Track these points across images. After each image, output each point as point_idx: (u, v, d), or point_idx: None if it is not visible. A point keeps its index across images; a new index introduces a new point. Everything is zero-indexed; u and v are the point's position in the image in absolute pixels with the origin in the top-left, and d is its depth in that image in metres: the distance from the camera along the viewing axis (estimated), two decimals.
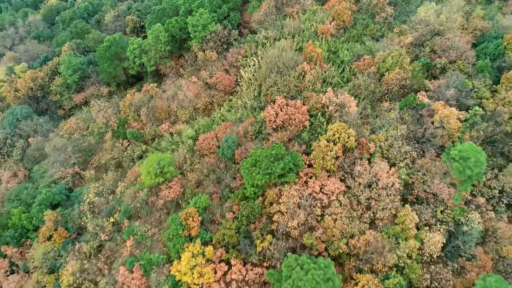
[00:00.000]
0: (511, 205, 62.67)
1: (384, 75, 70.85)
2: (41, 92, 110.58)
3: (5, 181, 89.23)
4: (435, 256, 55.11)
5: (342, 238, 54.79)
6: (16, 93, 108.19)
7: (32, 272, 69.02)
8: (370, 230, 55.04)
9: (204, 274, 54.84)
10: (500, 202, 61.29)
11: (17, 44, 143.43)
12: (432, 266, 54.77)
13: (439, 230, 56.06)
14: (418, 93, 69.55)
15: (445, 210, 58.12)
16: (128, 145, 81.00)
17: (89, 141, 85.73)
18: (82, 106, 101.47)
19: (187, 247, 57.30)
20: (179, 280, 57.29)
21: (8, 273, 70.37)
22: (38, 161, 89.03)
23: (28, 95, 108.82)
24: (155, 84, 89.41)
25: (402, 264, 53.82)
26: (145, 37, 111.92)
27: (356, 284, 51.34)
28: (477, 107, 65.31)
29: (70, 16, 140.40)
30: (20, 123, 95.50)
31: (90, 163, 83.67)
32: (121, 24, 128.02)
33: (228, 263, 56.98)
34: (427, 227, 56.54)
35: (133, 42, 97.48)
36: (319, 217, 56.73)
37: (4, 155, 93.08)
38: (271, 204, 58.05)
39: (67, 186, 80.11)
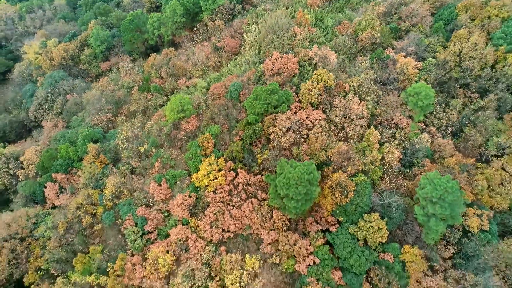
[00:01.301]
0: (455, 133, 78.43)
1: (359, 35, 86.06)
2: (72, 61, 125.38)
3: (48, 130, 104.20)
4: (393, 165, 70.57)
5: (322, 150, 70.20)
6: (52, 61, 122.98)
7: (78, 193, 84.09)
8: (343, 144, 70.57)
9: (218, 177, 70.34)
10: (447, 130, 76.95)
11: (45, 24, 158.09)
12: (390, 170, 70.23)
13: (397, 146, 71.55)
14: (386, 49, 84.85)
15: (402, 132, 73.55)
16: (152, 96, 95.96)
17: (119, 95, 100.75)
18: (111, 70, 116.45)
19: (204, 160, 72.68)
20: (198, 186, 72.87)
21: (58, 193, 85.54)
22: (75, 114, 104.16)
23: (61, 64, 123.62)
24: (173, 48, 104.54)
25: (367, 169, 69.29)
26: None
27: (331, 180, 66.74)
28: (431, 58, 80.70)
29: None
30: (58, 84, 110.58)
31: (120, 112, 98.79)
32: (138, 6, 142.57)
33: (235, 172, 72.47)
34: (388, 144, 71.99)
35: (153, 16, 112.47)
36: (305, 136, 72.19)
37: (46, 110, 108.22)
38: (268, 127, 73.30)
39: (102, 130, 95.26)
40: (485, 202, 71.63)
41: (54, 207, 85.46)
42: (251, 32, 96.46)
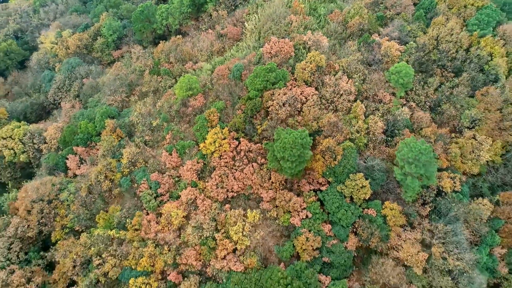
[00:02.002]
0: (433, 108, 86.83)
1: (348, 22, 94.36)
2: (86, 50, 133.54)
3: (66, 110, 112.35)
4: (377, 134, 78.91)
5: (314, 121, 78.62)
6: (67, 50, 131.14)
7: (97, 164, 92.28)
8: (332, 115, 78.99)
9: (222, 144, 78.75)
10: (425, 105, 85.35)
11: (58, 17, 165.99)
12: (374, 138, 78.66)
13: (380, 117, 79.94)
14: (372, 35, 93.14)
15: (385, 106, 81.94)
16: (162, 79, 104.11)
17: (131, 78, 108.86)
18: (123, 57, 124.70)
19: (210, 130, 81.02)
20: (205, 154, 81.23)
21: (79, 164, 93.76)
22: (91, 96, 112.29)
23: (76, 52, 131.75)
24: (180, 36, 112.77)
25: (354, 137, 77.68)
26: None
27: (321, 145, 75.11)
28: (412, 42, 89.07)
29: None
30: (75, 69, 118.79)
31: (133, 93, 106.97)
32: None
33: (238, 141, 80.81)
34: (372, 115, 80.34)
35: (161, 7, 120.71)
36: (299, 109, 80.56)
37: (64, 92, 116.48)
38: (267, 101, 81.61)
39: (117, 109, 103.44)
40: (458, 167, 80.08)
41: (75, 176, 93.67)
42: (251, 20, 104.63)
